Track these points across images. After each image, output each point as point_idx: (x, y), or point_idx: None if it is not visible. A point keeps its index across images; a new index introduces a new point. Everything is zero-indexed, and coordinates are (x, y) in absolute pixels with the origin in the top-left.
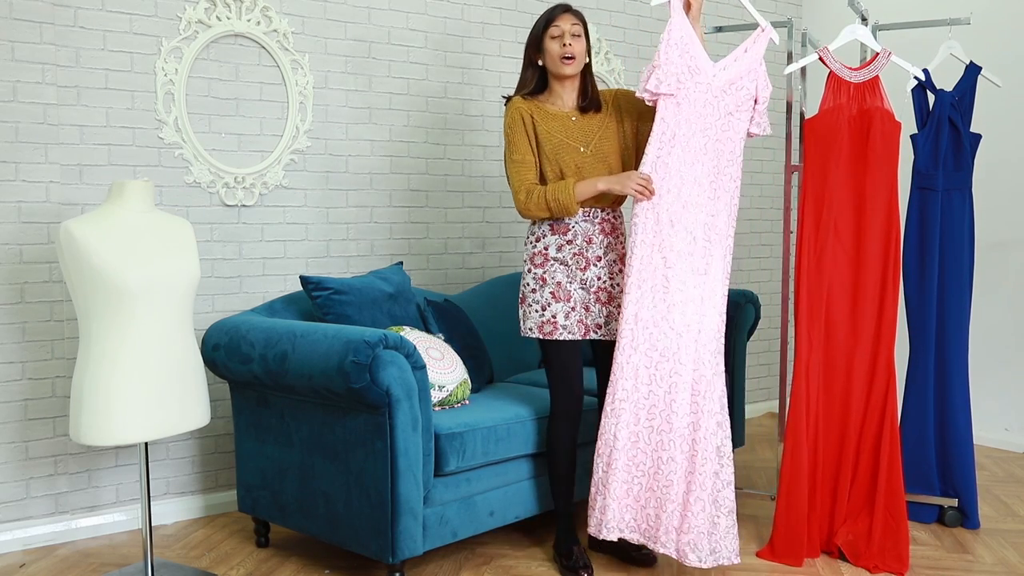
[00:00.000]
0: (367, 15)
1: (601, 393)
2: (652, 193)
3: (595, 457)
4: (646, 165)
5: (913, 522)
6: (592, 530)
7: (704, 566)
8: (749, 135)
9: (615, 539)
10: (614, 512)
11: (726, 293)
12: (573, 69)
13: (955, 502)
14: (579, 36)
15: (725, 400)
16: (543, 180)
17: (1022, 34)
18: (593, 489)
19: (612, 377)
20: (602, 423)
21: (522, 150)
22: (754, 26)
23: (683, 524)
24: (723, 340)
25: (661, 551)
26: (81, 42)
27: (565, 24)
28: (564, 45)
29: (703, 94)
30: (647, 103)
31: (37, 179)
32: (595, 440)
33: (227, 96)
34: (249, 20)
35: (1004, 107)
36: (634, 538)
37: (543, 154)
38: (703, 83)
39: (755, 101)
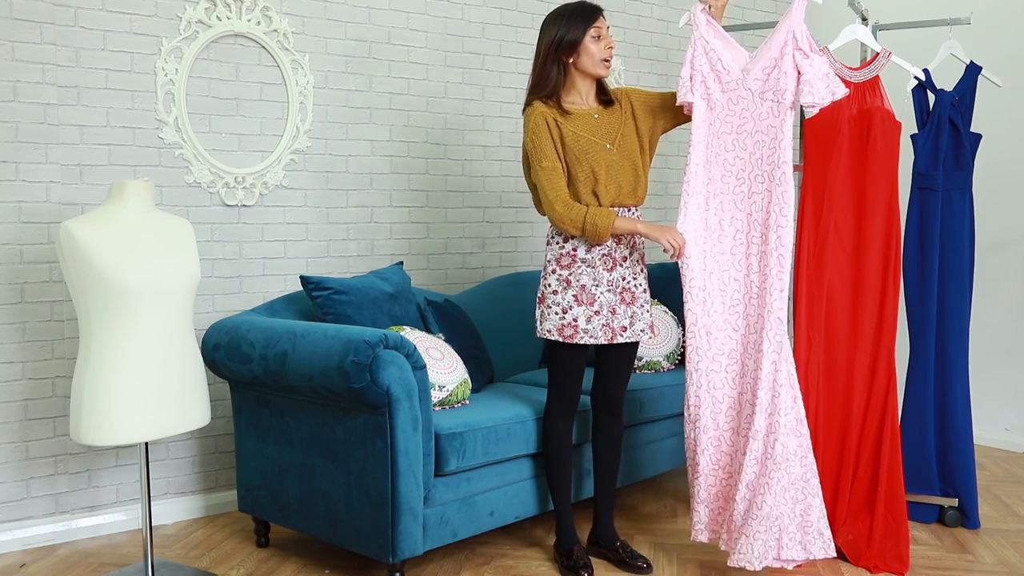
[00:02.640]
0: (367, 15)
1: (596, 394)
2: (681, 254)
3: (687, 464)
4: (692, 176)
5: (913, 522)
6: (694, 535)
7: (798, 560)
8: (808, 106)
9: (706, 540)
10: (701, 515)
11: (784, 287)
12: (608, 72)
13: (955, 502)
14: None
15: (800, 396)
16: (572, 182)
17: (1022, 34)
18: (691, 495)
19: (688, 383)
20: (685, 430)
21: (551, 157)
22: (756, 26)
23: (745, 526)
24: (785, 332)
25: (736, 554)
26: (81, 42)
27: (603, 25)
28: (608, 47)
29: (734, 91)
30: (687, 112)
31: (37, 179)
32: (592, 442)
33: (227, 96)
34: (249, 20)
35: (1004, 107)
36: (723, 539)
37: (571, 156)
38: (732, 80)
39: (798, 73)
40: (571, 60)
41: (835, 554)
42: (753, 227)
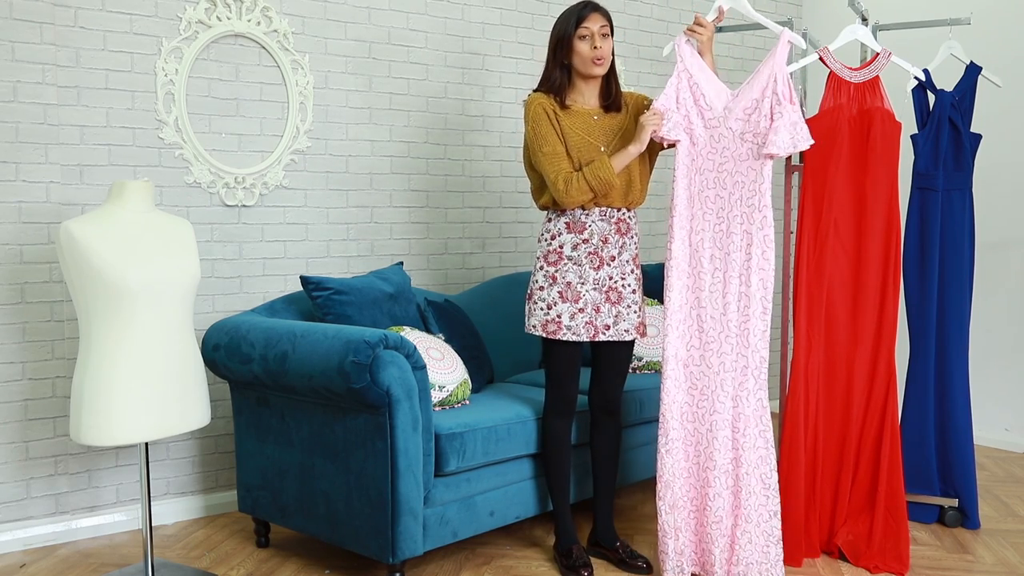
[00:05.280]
0: (367, 15)
1: (593, 394)
2: (661, 119)
3: (656, 500)
4: (677, 210)
5: (913, 522)
6: (669, 574)
7: None
8: (766, 156)
9: None
10: (683, 548)
11: (767, 327)
12: (603, 70)
13: (955, 502)
14: (607, 36)
15: (770, 433)
16: None
17: (1022, 34)
18: (661, 533)
19: (661, 418)
20: (658, 465)
21: (552, 141)
22: (754, 26)
23: (732, 556)
24: (766, 374)
25: None
26: (81, 42)
27: (594, 25)
28: (594, 47)
29: (716, 128)
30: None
31: (37, 179)
32: (590, 442)
33: (227, 96)
34: (249, 20)
35: (1004, 107)
36: (695, 570)
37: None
38: (715, 118)
39: (771, 119)
40: (569, 60)
41: None
42: (731, 267)
